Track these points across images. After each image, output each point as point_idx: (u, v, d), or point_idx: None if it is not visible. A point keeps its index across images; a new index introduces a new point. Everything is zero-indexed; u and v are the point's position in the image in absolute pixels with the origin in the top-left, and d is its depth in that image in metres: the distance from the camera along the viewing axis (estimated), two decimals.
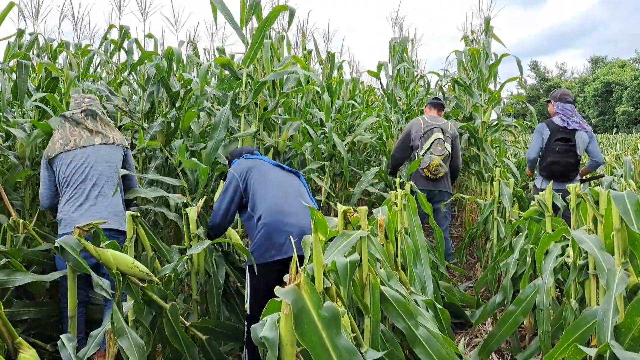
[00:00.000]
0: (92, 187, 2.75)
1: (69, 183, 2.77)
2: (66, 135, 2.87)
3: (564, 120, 4.13)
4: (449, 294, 3.32)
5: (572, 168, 4.12)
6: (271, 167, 2.81)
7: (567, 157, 4.07)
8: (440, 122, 4.48)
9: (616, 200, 1.50)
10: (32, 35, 4.12)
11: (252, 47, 3.64)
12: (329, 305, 1.05)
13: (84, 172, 2.78)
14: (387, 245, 2.20)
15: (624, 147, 13.13)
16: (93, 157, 2.82)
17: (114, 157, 2.91)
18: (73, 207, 2.71)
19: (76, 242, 1.74)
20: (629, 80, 43.75)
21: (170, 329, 1.96)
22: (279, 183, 2.69)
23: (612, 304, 1.47)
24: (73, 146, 2.83)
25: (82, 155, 2.81)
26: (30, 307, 2.43)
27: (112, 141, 2.93)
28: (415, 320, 1.77)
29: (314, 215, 1.47)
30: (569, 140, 4.08)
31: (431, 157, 4.27)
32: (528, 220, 2.79)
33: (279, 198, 2.60)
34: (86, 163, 2.80)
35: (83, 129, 2.90)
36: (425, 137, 4.38)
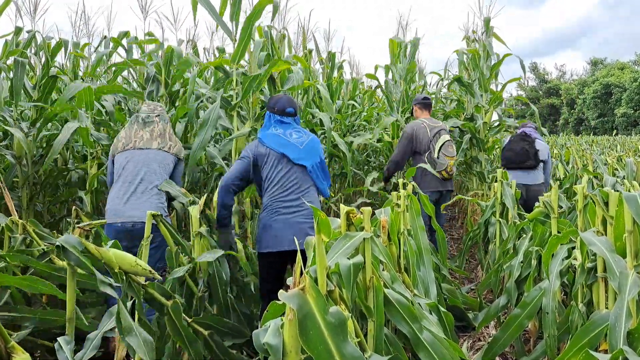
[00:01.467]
0: (140, 182, 2.96)
1: (120, 176, 3.01)
2: (130, 135, 3.14)
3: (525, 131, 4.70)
4: (451, 297, 3.27)
5: (527, 155, 4.49)
6: (280, 159, 2.83)
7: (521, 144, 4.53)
8: (440, 124, 4.54)
9: (629, 201, 1.46)
10: (30, 33, 4.07)
11: (240, 44, 3.58)
12: (335, 311, 1.01)
13: (136, 168, 3.00)
14: (390, 247, 2.15)
15: (624, 148, 13.11)
16: (147, 157, 3.05)
17: (165, 161, 3.11)
18: (120, 200, 2.92)
19: (78, 241, 1.70)
20: (629, 82, 43.79)
21: (172, 325, 1.93)
22: (284, 178, 2.80)
23: (625, 308, 1.42)
24: (132, 147, 3.08)
25: (139, 155, 3.05)
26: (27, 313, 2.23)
27: (167, 148, 3.15)
28: (420, 323, 1.72)
29: (317, 216, 1.43)
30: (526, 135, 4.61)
31: (446, 160, 4.29)
32: (533, 221, 2.74)
33: (279, 194, 2.77)
34: (140, 162, 3.02)
35: (147, 131, 3.14)
36: (434, 140, 4.35)
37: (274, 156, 2.82)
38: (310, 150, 2.90)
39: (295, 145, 2.85)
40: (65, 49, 4.66)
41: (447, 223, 7.09)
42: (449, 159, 4.29)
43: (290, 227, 2.71)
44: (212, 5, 3.54)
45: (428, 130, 4.38)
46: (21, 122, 3.93)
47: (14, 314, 2.13)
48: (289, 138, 2.87)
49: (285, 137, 2.87)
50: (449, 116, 6.24)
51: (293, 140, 2.87)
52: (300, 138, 2.90)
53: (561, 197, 2.86)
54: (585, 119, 49.84)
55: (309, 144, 2.91)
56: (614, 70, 48.82)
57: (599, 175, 4.81)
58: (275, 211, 2.76)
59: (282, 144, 2.84)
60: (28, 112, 4.42)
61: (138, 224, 2.79)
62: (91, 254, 1.61)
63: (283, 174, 2.80)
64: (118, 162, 3.06)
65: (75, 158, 4.67)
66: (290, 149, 2.83)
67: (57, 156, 4.63)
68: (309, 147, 2.90)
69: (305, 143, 2.89)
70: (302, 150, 2.85)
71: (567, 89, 54.44)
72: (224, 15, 3.57)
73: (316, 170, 2.90)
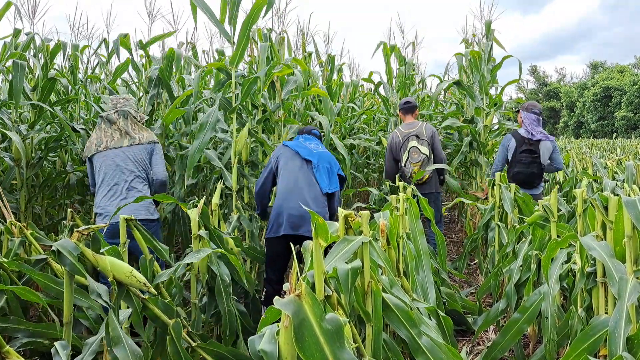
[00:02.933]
0: (124, 183, 3.19)
1: (103, 180, 3.21)
2: (100, 136, 3.29)
3: (528, 131, 4.39)
4: (450, 301, 3.26)
5: (536, 177, 4.41)
6: (292, 156, 3.42)
7: (531, 168, 4.37)
8: (414, 128, 4.64)
9: (628, 206, 1.45)
10: (29, 35, 4.06)
11: (239, 46, 3.58)
12: (331, 317, 1.00)
13: (115, 170, 3.19)
14: (389, 251, 2.14)
15: (624, 152, 13.10)
16: (122, 156, 3.23)
17: (140, 156, 3.28)
18: (108, 202, 3.15)
19: (74, 246, 1.68)
20: (628, 86, 43.82)
21: (173, 347, 1.88)
22: (292, 173, 3.33)
23: (624, 314, 1.41)
24: (104, 147, 3.24)
25: (114, 155, 3.22)
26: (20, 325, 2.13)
27: (137, 141, 3.29)
28: (419, 328, 1.71)
29: (315, 220, 1.42)
30: (533, 152, 4.36)
31: (411, 167, 4.54)
32: (532, 225, 2.73)
33: (289, 185, 3.28)
34: (117, 163, 3.21)
35: (115, 130, 3.29)
36: (403, 148, 4.59)
37: (288, 152, 3.44)
38: (320, 156, 3.45)
39: (309, 149, 3.45)
40: (64, 51, 4.66)
41: (446, 226, 7.08)
42: (413, 166, 4.53)
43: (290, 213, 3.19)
44: (210, 9, 3.53)
45: (400, 138, 4.63)
46: (19, 125, 3.92)
47: (6, 325, 2.08)
48: (306, 144, 3.50)
49: (303, 143, 3.51)
50: (448, 117, 6.25)
51: (308, 146, 3.48)
52: (316, 148, 3.50)
53: (560, 201, 2.84)
54: (585, 122, 49.87)
55: (319, 153, 3.46)
56: (614, 74, 48.88)
57: (599, 179, 4.79)
58: (283, 198, 3.25)
59: (297, 146, 3.47)
60: (27, 115, 4.41)
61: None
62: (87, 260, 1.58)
63: (292, 166, 3.35)
64: (97, 165, 3.25)
65: (73, 160, 4.66)
66: (302, 149, 3.43)
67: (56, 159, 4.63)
68: (319, 153, 3.46)
69: (318, 151, 3.47)
70: (313, 154, 3.42)
71: (567, 92, 54.50)
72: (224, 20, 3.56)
73: (321, 169, 3.38)
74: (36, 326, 2.14)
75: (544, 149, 4.37)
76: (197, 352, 2.04)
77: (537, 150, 4.36)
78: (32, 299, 1.81)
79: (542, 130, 4.43)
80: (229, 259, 2.55)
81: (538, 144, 4.35)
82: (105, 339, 1.59)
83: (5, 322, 2.07)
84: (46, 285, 2.09)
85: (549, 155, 4.42)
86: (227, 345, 2.25)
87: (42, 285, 2.10)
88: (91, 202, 4.63)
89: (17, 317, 2.16)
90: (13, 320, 2.10)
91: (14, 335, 2.10)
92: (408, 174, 4.52)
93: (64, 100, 4.32)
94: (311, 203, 3.21)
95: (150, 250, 2.28)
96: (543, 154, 4.37)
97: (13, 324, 2.08)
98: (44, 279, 2.11)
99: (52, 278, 2.13)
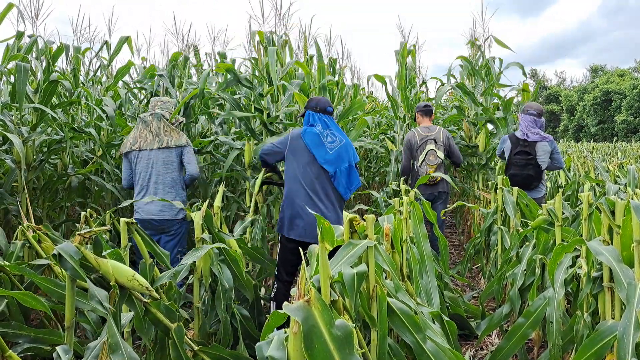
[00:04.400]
0: (154, 183, 3.47)
1: (138, 179, 3.51)
2: (136, 136, 3.53)
3: (523, 133, 4.40)
4: (453, 305, 3.24)
5: (532, 179, 4.39)
6: (309, 160, 3.17)
7: (527, 170, 4.36)
8: (432, 133, 4.83)
9: (637, 210, 1.44)
10: (32, 38, 4.06)
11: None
12: (341, 323, 0.98)
13: (147, 171, 3.47)
14: (393, 255, 2.13)
15: (625, 155, 13.09)
16: (153, 158, 3.48)
17: (169, 159, 3.51)
18: (141, 198, 3.44)
19: (75, 249, 1.67)
20: (628, 89, 43.85)
21: (175, 351, 1.86)
22: (309, 180, 3.15)
23: (633, 320, 1.40)
24: (138, 147, 3.49)
25: (146, 157, 3.49)
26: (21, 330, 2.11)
27: (165, 145, 3.50)
28: (424, 333, 1.69)
29: (321, 224, 1.41)
30: (529, 154, 4.35)
31: (427, 168, 4.74)
32: (536, 229, 2.72)
33: (307, 192, 3.13)
34: (149, 163, 3.48)
35: (149, 131, 3.51)
36: (420, 149, 4.78)
37: (305, 152, 3.18)
38: (338, 157, 3.20)
39: (326, 149, 3.18)
40: (67, 53, 4.65)
41: (448, 229, 7.06)
42: (429, 167, 4.74)
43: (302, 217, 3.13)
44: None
45: (418, 140, 4.81)
46: (21, 127, 3.90)
47: (7, 330, 2.06)
48: (324, 140, 3.19)
49: (322, 137, 3.19)
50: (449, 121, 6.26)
51: (326, 144, 3.19)
52: (332, 143, 3.22)
53: (564, 205, 2.83)
54: (585, 125, 49.88)
55: (338, 150, 3.21)
56: (614, 77, 48.91)
57: (601, 183, 4.78)
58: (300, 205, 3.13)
59: (315, 144, 3.17)
60: (28, 117, 4.40)
61: (155, 219, 3.39)
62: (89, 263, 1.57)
63: (308, 172, 3.16)
64: (133, 161, 3.53)
65: (75, 163, 4.65)
66: (320, 153, 3.16)
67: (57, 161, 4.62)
68: (337, 153, 3.21)
69: (335, 149, 3.21)
70: (330, 156, 3.18)
71: (567, 95, 54.53)
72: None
73: (339, 175, 3.20)
74: (37, 332, 2.13)
75: (541, 151, 4.34)
76: (199, 355, 2.02)
77: (533, 151, 4.34)
78: (34, 306, 1.79)
79: (539, 132, 4.40)
80: (231, 261, 2.54)
81: (534, 145, 4.34)
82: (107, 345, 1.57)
83: (7, 328, 2.05)
84: (48, 289, 2.07)
85: (548, 156, 4.39)
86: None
87: (44, 289, 2.09)
88: (92, 205, 4.62)
89: (18, 323, 2.15)
90: (14, 325, 2.09)
91: (15, 340, 2.08)
92: (423, 174, 4.71)
93: (65, 103, 4.31)
94: (328, 211, 3.16)
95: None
96: (540, 155, 4.34)
97: (14, 329, 2.06)
98: (46, 283, 2.09)
99: (54, 282, 2.11)
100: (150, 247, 2.41)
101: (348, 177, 3.25)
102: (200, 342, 2.07)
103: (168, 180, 3.49)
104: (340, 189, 3.21)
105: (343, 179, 3.22)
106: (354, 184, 3.28)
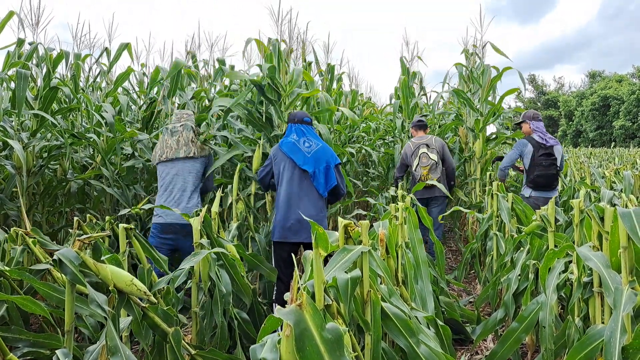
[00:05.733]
0: (177, 190, 3.65)
1: (162, 186, 3.70)
2: (162, 147, 3.75)
3: (542, 137, 4.76)
4: (449, 310, 3.27)
5: (554, 179, 4.73)
6: (288, 165, 3.51)
7: (551, 170, 4.69)
8: (424, 139, 5.23)
9: (623, 217, 1.47)
10: (32, 45, 4.10)
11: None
12: (331, 327, 1.02)
13: (173, 178, 3.68)
14: (388, 260, 2.16)
15: (622, 161, 13.13)
16: (180, 167, 3.70)
17: (194, 167, 3.74)
18: (163, 204, 3.58)
19: (75, 255, 1.70)
20: (626, 95, 43.98)
21: (172, 355, 1.89)
22: (289, 184, 3.48)
23: (620, 324, 1.43)
24: (165, 158, 3.70)
25: (172, 166, 3.70)
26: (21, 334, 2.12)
27: (192, 154, 3.73)
28: (417, 337, 1.72)
29: (315, 230, 1.44)
30: (551, 155, 4.70)
31: (420, 171, 5.10)
32: (530, 235, 2.75)
33: (288, 197, 3.45)
34: (174, 172, 3.68)
35: (175, 141, 3.73)
36: (414, 155, 5.20)
37: (284, 159, 3.53)
38: (316, 159, 3.51)
39: (304, 154, 3.50)
40: (67, 60, 4.70)
41: (446, 234, 7.09)
42: (422, 169, 5.09)
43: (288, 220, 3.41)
44: None
45: (412, 149, 5.25)
46: (21, 133, 3.94)
47: (7, 334, 2.08)
48: (300, 146, 3.53)
49: (298, 144, 3.53)
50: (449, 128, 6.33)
51: (303, 149, 3.52)
52: (309, 147, 3.55)
53: (558, 211, 2.87)
54: (583, 131, 50.00)
55: (315, 153, 3.53)
56: (612, 83, 49.07)
57: (597, 189, 4.82)
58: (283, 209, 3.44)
59: (292, 150, 3.51)
60: (28, 123, 4.44)
61: (176, 224, 3.50)
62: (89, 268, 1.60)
63: (289, 175, 3.48)
64: (159, 172, 3.75)
65: (74, 168, 4.68)
66: (298, 156, 3.49)
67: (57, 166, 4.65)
68: (314, 155, 3.52)
69: (313, 152, 3.53)
70: (308, 158, 3.49)
71: (565, 101, 54.68)
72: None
73: (317, 175, 3.50)
74: (37, 336, 2.15)
75: (558, 153, 4.73)
76: (196, 359, 2.05)
77: (553, 153, 4.70)
78: (34, 310, 1.82)
79: (552, 137, 4.79)
80: (230, 266, 2.57)
81: (552, 148, 4.70)
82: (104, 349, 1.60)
83: (7, 332, 2.07)
84: (47, 293, 2.10)
85: (562, 159, 4.79)
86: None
87: (44, 293, 2.11)
88: (91, 211, 4.65)
89: (18, 327, 2.17)
90: (14, 330, 2.11)
91: (15, 344, 2.11)
92: (418, 176, 5.09)
93: (65, 109, 4.35)
94: (310, 208, 3.45)
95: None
96: (558, 157, 4.71)
97: (14, 333, 2.09)
98: (45, 288, 2.12)
99: (53, 287, 2.13)
100: (149, 252, 2.44)
101: (325, 177, 3.54)
102: (197, 347, 2.10)
103: (191, 187, 3.71)
104: (319, 188, 3.50)
105: (321, 179, 3.51)
106: (330, 183, 3.55)
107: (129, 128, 5.02)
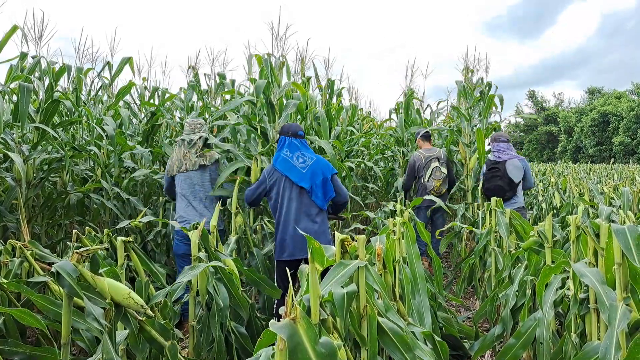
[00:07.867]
0: (195, 198, 3.87)
1: (182, 195, 3.89)
2: (180, 158, 3.90)
3: (495, 155, 5.13)
4: (447, 325, 3.25)
5: (503, 190, 4.98)
6: (285, 184, 3.51)
7: (493, 182, 5.03)
8: (434, 153, 5.74)
9: (617, 234, 1.48)
10: (35, 59, 4.14)
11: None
12: (325, 341, 1.02)
13: (191, 189, 3.87)
14: (385, 275, 2.16)
15: (621, 177, 13.16)
16: (197, 177, 3.89)
17: (210, 175, 3.96)
18: (184, 212, 3.87)
19: (73, 267, 1.70)
20: (626, 112, 44.21)
21: None
22: (288, 202, 3.48)
23: (614, 340, 1.43)
24: (184, 170, 3.87)
25: (191, 176, 3.88)
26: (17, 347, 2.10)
27: (207, 163, 3.91)
28: (413, 353, 1.72)
29: (311, 245, 1.45)
30: (497, 170, 5.05)
31: (433, 182, 5.60)
32: (527, 251, 2.76)
33: (287, 215, 3.46)
34: (192, 182, 3.88)
35: (193, 152, 3.89)
36: (426, 167, 5.67)
37: (281, 178, 3.52)
38: (312, 173, 3.50)
39: (299, 170, 3.49)
40: (69, 73, 4.74)
41: (447, 248, 7.07)
42: (435, 181, 5.61)
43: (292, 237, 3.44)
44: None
45: (423, 161, 5.72)
46: (22, 145, 3.96)
47: (4, 347, 2.08)
48: (295, 162, 3.51)
49: (291, 161, 3.52)
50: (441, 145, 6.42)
51: (298, 165, 3.51)
52: (304, 162, 3.53)
53: (556, 227, 2.87)
54: (583, 147, 50.15)
55: (310, 168, 3.51)
56: (611, 99, 49.35)
57: (595, 205, 4.82)
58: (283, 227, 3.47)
59: (287, 168, 3.50)
60: (29, 135, 4.46)
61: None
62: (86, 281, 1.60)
63: (289, 193, 3.48)
64: (177, 181, 3.91)
65: (74, 181, 4.69)
66: (294, 173, 3.48)
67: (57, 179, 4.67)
68: (310, 170, 3.51)
69: (308, 167, 3.51)
70: (304, 174, 3.48)
71: (565, 116, 54.93)
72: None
73: (315, 189, 3.50)
74: (34, 349, 2.14)
75: (511, 166, 4.98)
76: None
77: (502, 167, 5.00)
78: (32, 323, 1.82)
79: (511, 153, 5.11)
80: (227, 280, 2.57)
81: (504, 163, 5.02)
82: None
83: (3, 345, 2.07)
84: (45, 306, 2.10)
85: (519, 171, 4.98)
86: None
87: (41, 306, 2.11)
88: (90, 223, 4.66)
89: (14, 340, 2.16)
90: (11, 342, 2.10)
91: (11, 357, 2.10)
92: (430, 187, 5.62)
93: (66, 122, 4.38)
94: (311, 223, 3.48)
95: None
96: (510, 170, 4.97)
97: (11, 346, 2.08)
98: (42, 301, 2.12)
99: (50, 299, 2.13)
100: (147, 265, 2.45)
101: (323, 190, 3.55)
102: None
103: (207, 193, 3.90)
104: (317, 202, 3.51)
105: (319, 192, 3.52)
106: (328, 195, 3.58)
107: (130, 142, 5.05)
